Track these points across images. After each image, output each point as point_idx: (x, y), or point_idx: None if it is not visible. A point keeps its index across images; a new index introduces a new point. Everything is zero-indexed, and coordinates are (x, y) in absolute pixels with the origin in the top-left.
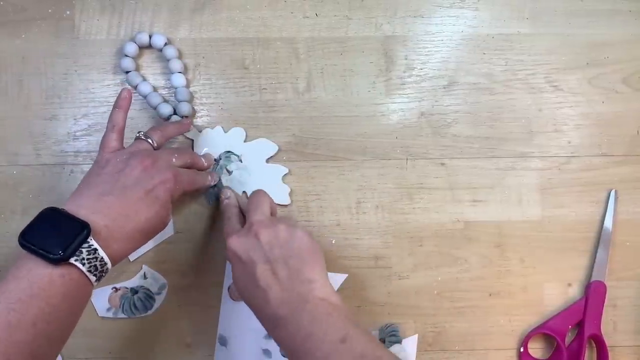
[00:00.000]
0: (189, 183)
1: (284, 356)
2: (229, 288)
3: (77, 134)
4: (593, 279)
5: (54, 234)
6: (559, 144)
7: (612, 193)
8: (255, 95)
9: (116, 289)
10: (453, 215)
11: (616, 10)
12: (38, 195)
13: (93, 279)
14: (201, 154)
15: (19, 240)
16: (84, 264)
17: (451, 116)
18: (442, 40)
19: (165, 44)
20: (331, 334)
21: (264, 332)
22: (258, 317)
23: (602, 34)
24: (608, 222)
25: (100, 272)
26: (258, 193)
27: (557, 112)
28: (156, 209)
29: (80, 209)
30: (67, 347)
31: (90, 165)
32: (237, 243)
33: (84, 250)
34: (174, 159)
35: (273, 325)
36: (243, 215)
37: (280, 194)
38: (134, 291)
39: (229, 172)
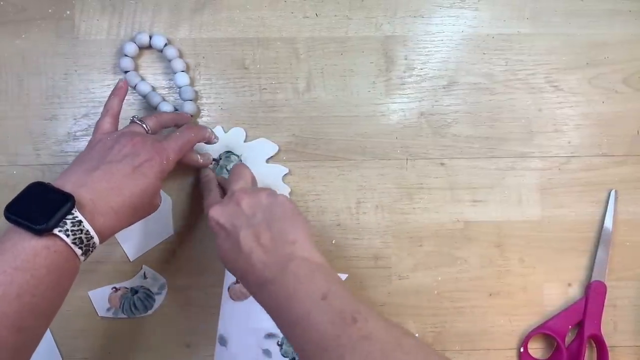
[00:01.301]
0: (181, 146)
1: (284, 356)
2: (228, 288)
3: (77, 134)
4: (593, 279)
5: (39, 206)
6: (559, 144)
7: (612, 193)
8: (255, 95)
9: (116, 289)
10: (453, 215)
11: (616, 10)
12: None
13: (79, 252)
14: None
15: (4, 213)
16: (68, 236)
17: (451, 116)
18: (442, 40)
19: (166, 45)
20: (313, 291)
21: (264, 332)
22: (243, 283)
23: (602, 34)
24: (608, 222)
25: (87, 245)
26: (239, 166)
27: (557, 112)
28: (142, 186)
29: (67, 184)
30: (67, 347)
31: None
32: (218, 211)
33: (68, 221)
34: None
35: (258, 288)
36: (224, 193)
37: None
38: (134, 291)
39: (229, 172)
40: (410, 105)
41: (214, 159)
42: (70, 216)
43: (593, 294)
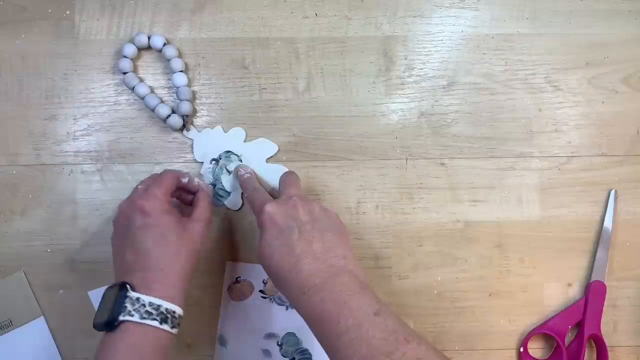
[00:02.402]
0: (164, 184)
1: (284, 355)
2: (228, 288)
3: (77, 133)
4: (593, 279)
5: (104, 307)
6: (559, 144)
7: (612, 193)
8: (255, 95)
9: None
10: (453, 216)
11: (616, 10)
12: (38, 195)
13: (155, 323)
14: (199, 157)
15: (93, 326)
16: (132, 316)
17: (451, 116)
18: (442, 40)
19: (165, 44)
20: (365, 306)
21: (264, 332)
22: (282, 284)
23: (602, 34)
24: (608, 222)
25: (159, 314)
26: (292, 173)
27: (557, 112)
28: (160, 232)
29: (116, 278)
30: (67, 347)
31: (90, 165)
32: (275, 209)
33: (127, 304)
34: (140, 187)
35: (301, 293)
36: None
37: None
38: None
39: (229, 172)
40: (410, 105)
41: (213, 159)
42: (127, 300)
43: (593, 294)
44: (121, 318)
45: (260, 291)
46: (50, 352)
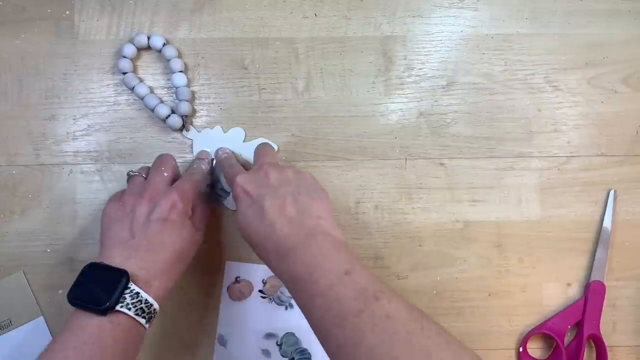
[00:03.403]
0: (193, 187)
1: (284, 355)
2: (228, 288)
3: (77, 134)
4: (592, 279)
5: (97, 287)
6: (558, 144)
7: (612, 193)
8: (255, 95)
9: None
10: (452, 215)
11: (616, 10)
12: (37, 195)
13: (143, 321)
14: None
15: (67, 299)
16: (129, 309)
17: (450, 116)
18: (441, 40)
19: (164, 44)
20: (337, 265)
21: (263, 332)
22: (260, 252)
23: (602, 34)
24: (607, 222)
25: (148, 313)
26: (265, 144)
27: (556, 112)
28: (177, 233)
29: (113, 259)
30: None
31: (90, 165)
32: (246, 179)
33: (127, 296)
34: (165, 175)
35: (277, 256)
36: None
37: None
38: None
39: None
40: (409, 105)
41: (212, 159)
42: (127, 290)
43: (592, 293)
44: (118, 308)
45: (260, 291)
46: None
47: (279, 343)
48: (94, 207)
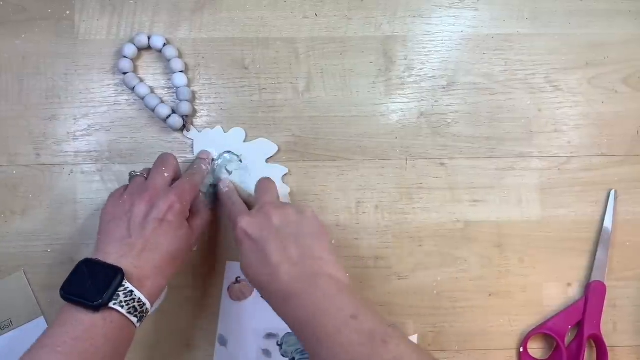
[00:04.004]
0: (193, 189)
1: (284, 355)
2: (228, 288)
3: (77, 134)
4: (593, 279)
5: (91, 283)
6: (558, 144)
7: (612, 193)
8: (255, 95)
9: None
10: (453, 215)
11: (616, 10)
12: (38, 195)
13: (134, 320)
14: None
15: (60, 294)
16: (122, 307)
17: (451, 116)
18: (441, 40)
19: (165, 44)
20: (343, 309)
21: (264, 332)
22: (264, 295)
23: (602, 34)
24: (608, 222)
25: (140, 312)
26: (266, 179)
27: (556, 112)
28: (173, 233)
29: (109, 256)
30: None
31: (90, 165)
32: (248, 221)
33: (120, 293)
34: (166, 175)
35: (282, 300)
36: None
37: (280, 193)
38: None
39: (229, 172)
40: (409, 105)
41: (212, 159)
42: (121, 288)
43: (593, 294)
44: (111, 305)
45: None
46: None
47: (279, 343)
48: (94, 207)
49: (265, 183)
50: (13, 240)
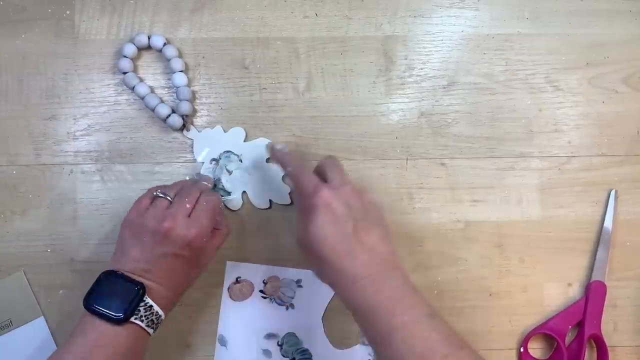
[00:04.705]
0: (211, 222)
1: (284, 355)
2: (228, 288)
3: (77, 133)
4: (593, 279)
5: (114, 297)
6: (559, 144)
7: (612, 193)
8: (255, 95)
9: None
10: (453, 215)
11: (616, 10)
12: (38, 195)
13: (151, 331)
14: (199, 158)
15: (84, 304)
16: (142, 321)
17: (451, 116)
18: (442, 40)
19: (165, 44)
20: (420, 305)
21: (264, 332)
22: (332, 270)
23: (602, 34)
24: (608, 222)
25: (157, 324)
26: (336, 159)
27: (557, 112)
28: (189, 266)
29: (134, 270)
30: None
31: (90, 165)
32: (332, 194)
33: (141, 308)
34: (187, 207)
35: (352, 283)
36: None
37: (280, 194)
38: None
39: (229, 172)
40: (410, 105)
41: (213, 159)
42: (142, 303)
43: (593, 294)
44: (132, 319)
45: (261, 291)
46: (50, 352)
47: (279, 343)
48: (94, 207)
49: (337, 161)
50: (13, 240)
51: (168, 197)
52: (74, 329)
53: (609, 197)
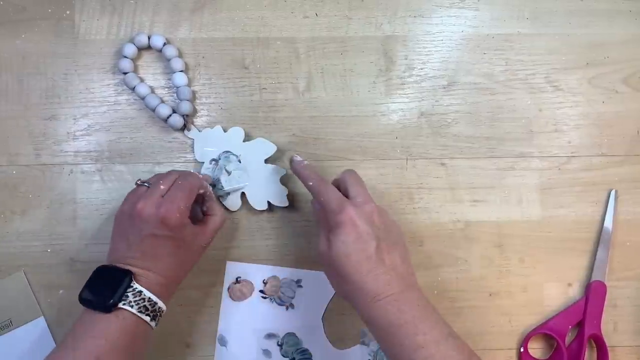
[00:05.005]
0: (186, 196)
1: (284, 356)
2: (228, 288)
3: (77, 133)
4: (593, 279)
5: (104, 287)
6: (559, 144)
7: (612, 193)
8: (255, 95)
9: None
10: (453, 215)
11: (616, 10)
12: (38, 195)
13: (147, 318)
14: (199, 155)
15: (79, 299)
16: (132, 306)
17: (451, 116)
18: (442, 40)
19: (165, 44)
20: (440, 325)
21: (264, 332)
22: (354, 287)
23: (602, 34)
24: (608, 222)
25: (152, 311)
26: (356, 173)
27: (557, 112)
28: (171, 244)
29: (120, 259)
30: None
31: (90, 165)
32: (357, 212)
33: (129, 294)
34: (162, 187)
35: (376, 298)
36: None
37: (278, 195)
38: None
39: (228, 172)
40: (410, 105)
41: (213, 159)
42: (130, 289)
43: (593, 294)
44: (121, 305)
45: (261, 291)
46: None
47: (279, 343)
48: (94, 207)
49: (358, 176)
50: (13, 240)
51: (146, 184)
52: (74, 323)
53: (609, 197)
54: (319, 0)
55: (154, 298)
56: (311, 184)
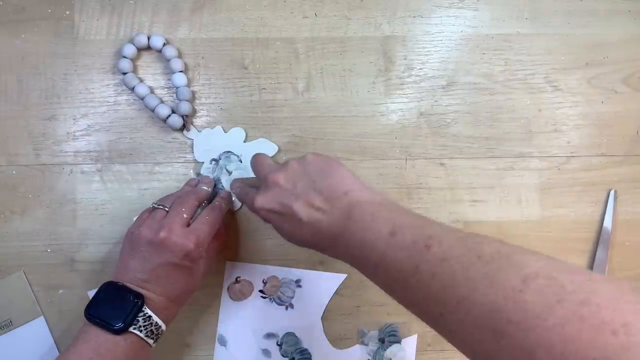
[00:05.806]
0: (211, 231)
1: (284, 355)
2: (228, 288)
3: (77, 134)
4: None
5: (114, 307)
6: (558, 144)
7: (612, 193)
8: (255, 95)
9: None
10: (452, 215)
11: (616, 10)
12: (38, 195)
13: (151, 342)
14: (199, 156)
15: (85, 314)
16: (141, 331)
17: (450, 116)
18: (441, 40)
19: (165, 44)
20: (379, 231)
21: (264, 332)
22: (317, 249)
23: (602, 34)
24: (607, 222)
25: (156, 334)
26: (255, 156)
27: (556, 112)
28: (188, 275)
29: (133, 281)
30: (67, 347)
31: (90, 165)
32: (262, 199)
33: (140, 319)
34: (185, 217)
35: (331, 247)
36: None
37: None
38: None
39: (229, 172)
40: (409, 105)
41: (213, 159)
42: (141, 313)
43: None
44: (131, 329)
45: (260, 291)
46: (50, 352)
47: (279, 343)
48: (94, 207)
49: (257, 159)
50: (13, 240)
51: (165, 208)
52: (75, 338)
53: (608, 197)
54: (318, 0)
55: (160, 322)
56: (236, 195)
